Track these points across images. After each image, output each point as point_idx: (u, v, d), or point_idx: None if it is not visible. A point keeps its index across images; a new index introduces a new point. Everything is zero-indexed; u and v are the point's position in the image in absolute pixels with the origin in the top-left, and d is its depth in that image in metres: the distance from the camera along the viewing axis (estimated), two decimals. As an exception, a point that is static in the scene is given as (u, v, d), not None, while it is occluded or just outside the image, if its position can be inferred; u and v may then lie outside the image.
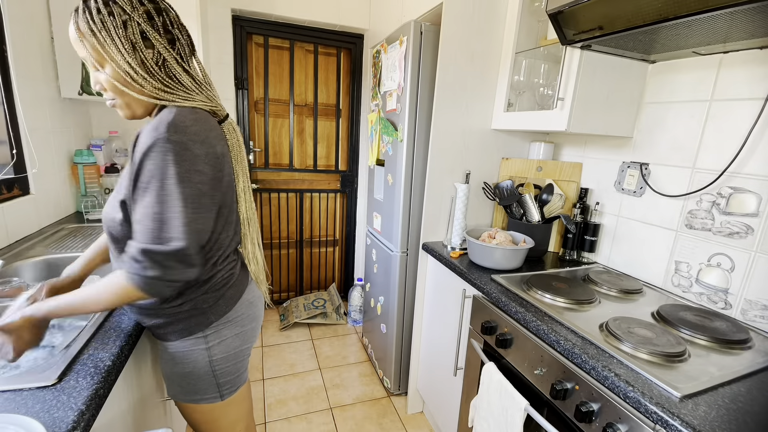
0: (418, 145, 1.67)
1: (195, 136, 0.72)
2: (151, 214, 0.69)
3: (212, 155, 0.75)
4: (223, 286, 0.87)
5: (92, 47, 0.70)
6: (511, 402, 0.99)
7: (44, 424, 0.57)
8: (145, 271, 0.68)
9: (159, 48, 0.73)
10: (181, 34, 0.77)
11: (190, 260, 0.71)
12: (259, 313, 0.99)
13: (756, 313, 1.03)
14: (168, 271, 0.69)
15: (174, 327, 0.85)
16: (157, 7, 0.73)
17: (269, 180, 2.66)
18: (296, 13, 2.33)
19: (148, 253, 0.68)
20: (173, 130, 0.69)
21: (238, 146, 0.90)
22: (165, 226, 0.68)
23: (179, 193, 0.68)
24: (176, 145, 0.68)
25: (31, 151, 1.42)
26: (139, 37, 0.71)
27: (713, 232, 1.11)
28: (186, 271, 0.72)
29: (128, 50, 0.70)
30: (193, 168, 0.71)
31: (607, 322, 0.96)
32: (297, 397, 1.94)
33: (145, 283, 0.69)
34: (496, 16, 1.51)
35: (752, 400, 0.73)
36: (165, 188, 0.68)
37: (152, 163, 0.68)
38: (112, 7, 0.69)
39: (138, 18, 0.70)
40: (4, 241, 1.27)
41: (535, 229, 1.48)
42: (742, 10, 0.76)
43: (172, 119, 0.70)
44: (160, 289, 0.71)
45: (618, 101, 1.27)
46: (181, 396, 0.91)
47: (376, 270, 2.09)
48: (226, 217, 0.85)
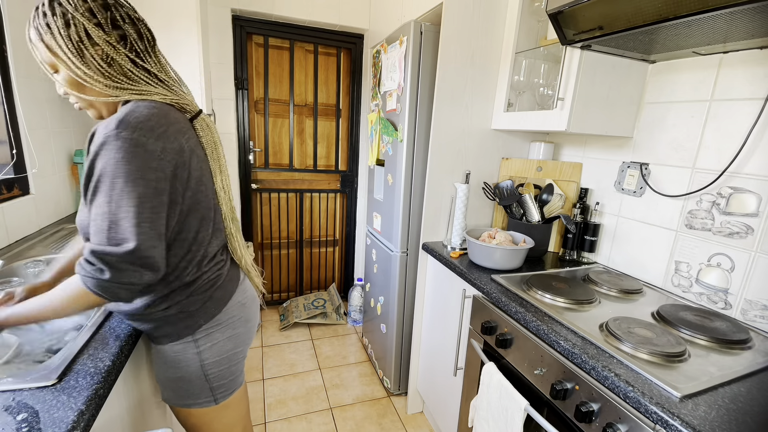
0: (418, 145, 1.67)
1: (149, 132, 0.68)
2: (101, 214, 0.66)
3: (171, 150, 0.72)
4: (210, 287, 0.85)
5: (42, 51, 0.69)
6: (511, 402, 0.99)
7: (44, 424, 0.57)
8: (99, 274, 0.66)
9: (104, 46, 0.70)
10: (134, 28, 0.74)
11: (146, 262, 0.68)
12: (252, 314, 0.97)
13: (756, 313, 1.03)
14: (121, 274, 0.66)
15: (163, 331, 0.83)
16: (104, 4, 0.70)
17: (269, 180, 2.66)
18: (296, 13, 2.33)
19: (99, 254, 0.65)
20: (124, 126, 0.66)
21: (213, 143, 0.87)
22: (116, 226, 0.66)
23: (130, 192, 0.65)
24: (126, 142, 0.65)
25: (31, 151, 1.42)
26: (83, 35, 0.68)
27: (713, 232, 1.11)
28: (143, 273, 0.68)
29: (72, 50, 0.68)
30: (147, 165, 0.67)
31: (607, 322, 0.96)
32: (297, 397, 1.94)
33: (98, 285, 0.66)
34: (496, 16, 1.51)
35: (752, 400, 0.73)
36: (115, 187, 0.65)
37: (102, 161, 0.65)
38: (56, 8, 0.67)
39: (80, 17, 0.67)
40: (3, 241, 1.27)
41: (535, 229, 1.48)
42: (742, 10, 0.76)
43: (123, 115, 0.67)
44: (115, 291, 0.68)
45: (618, 101, 1.27)
46: (175, 400, 0.89)
47: (376, 270, 2.09)
48: (202, 215, 0.82)
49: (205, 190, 0.83)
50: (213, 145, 0.88)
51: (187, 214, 0.78)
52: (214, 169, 0.88)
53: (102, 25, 0.70)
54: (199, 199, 0.80)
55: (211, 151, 0.87)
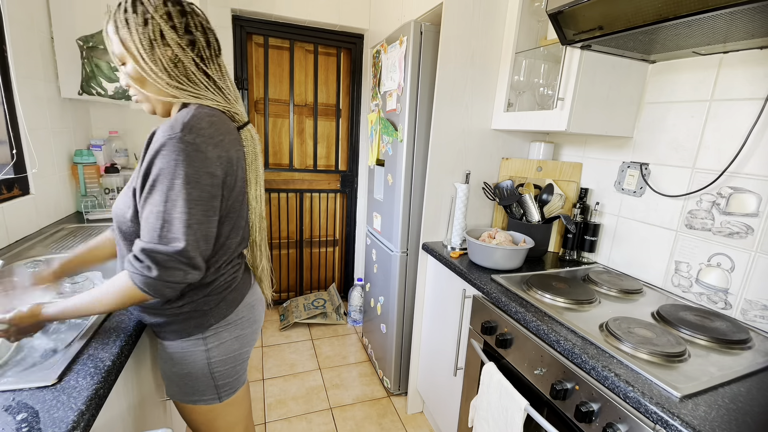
0: (418, 145, 1.67)
1: (209, 139, 0.72)
2: (156, 213, 0.69)
3: (225, 159, 0.76)
4: (225, 289, 0.87)
5: (116, 43, 0.74)
6: (511, 402, 0.99)
7: (44, 424, 0.57)
8: (147, 271, 0.69)
9: (174, 48, 0.74)
10: (204, 36, 0.79)
11: (192, 262, 0.71)
12: (259, 316, 0.99)
13: (756, 313, 1.03)
14: (168, 272, 0.69)
15: (174, 327, 0.85)
16: (181, 10, 0.76)
17: (269, 180, 2.66)
18: (296, 13, 2.33)
19: (149, 252, 0.69)
20: (187, 130, 0.70)
21: (254, 154, 0.91)
22: (169, 225, 0.69)
23: (186, 194, 0.69)
24: (188, 146, 0.69)
25: (31, 151, 1.42)
26: (158, 35, 0.73)
27: (713, 232, 1.11)
28: (188, 273, 0.72)
29: (146, 47, 0.72)
30: (204, 170, 0.71)
31: (607, 322, 0.96)
32: (297, 397, 1.94)
33: (145, 283, 0.69)
34: (496, 16, 1.51)
35: (752, 400, 0.73)
36: (173, 188, 0.68)
37: (163, 161, 0.68)
38: (137, 6, 0.72)
39: (158, 18, 0.72)
40: (3, 241, 1.27)
41: (535, 229, 1.48)
42: (742, 10, 0.76)
43: (188, 119, 0.71)
44: (160, 289, 0.71)
45: (618, 101, 1.27)
46: (180, 396, 0.91)
47: (376, 270, 2.09)
48: (234, 222, 0.85)
49: (241, 200, 0.86)
50: (254, 156, 0.91)
51: (223, 220, 0.81)
52: (251, 179, 0.91)
53: (176, 29, 0.75)
54: (234, 207, 0.83)
55: (251, 161, 0.90)
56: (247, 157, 0.89)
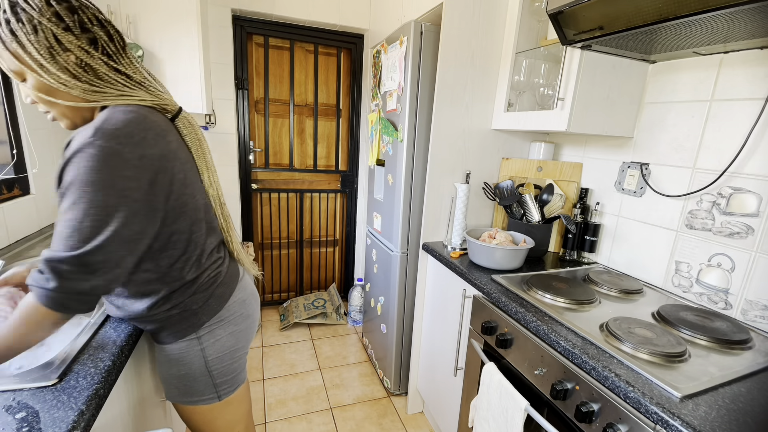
0: (418, 146, 1.67)
1: (126, 139, 0.66)
2: (64, 221, 0.64)
3: (150, 157, 0.70)
4: (210, 285, 0.86)
5: (8, 60, 0.66)
6: (512, 402, 0.99)
7: (44, 424, 0.57)
8: (44, 283, 0.62)
9: (76, 51, 0.67)
10: (104, 30, 0.71)
11: (94, 267, 0.64)
12: (252, 311, 0.98)
13: (756, 314, 1.02)
14: (66, 282, 0.62)
15: (167, 330, 0.84)
16: (69, 6, 0.67)
17: (269, 180, 2.66)
18: (296, 13, 2.33)
19: (47, 261, 0.62)
20: (99, 135, 0.64)
21: (198, 140, 0.86)
22: (77, 234, 0.63)
23: (97, 201, 0.63)
24: (101, 150, 0.63)
25: (31, 151, 1.42)
26: (53, 41, 0.65)
27: (713, 232, 1.11)
28: (89, 281, 0.64)
29: (45, 56, 0.65)
30: (119, 174, 0.65)
31: (607, 323, 0.96)
32: (297, 397, 1.94)
33: (45, 296, 0.63)
34: (496, 16, 1.51)
35: (753, 400, 0.73)
36: (83, 196, 0.63)
37: (74, 168, 0.63)
38: (20, 14, 0.64)
39: (47, 21, 0.64)
40: (4, 241, 1.27)
41: (536, 229, 1.48)
42: (742, 10, 0.76)
43: (100, 123, 0.65)
44: (63, 302, 0.63)
45: (618, 101, 1.27)
46: (179, 398, 0.90)
47: (376, 270, 2.09)
48: (192, 215, 0.81)
49: (191, 191, 0.81)
50: (197, 143, 0.86)
51: (176, 217, 0.77)
52: (201, 166, 0.87)
53: (71, 29, 0.67)
54: (185, 201, 0.79)
55: (196, 148, 0.86)
56: (191, 146, 0.84)
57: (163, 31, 1.68)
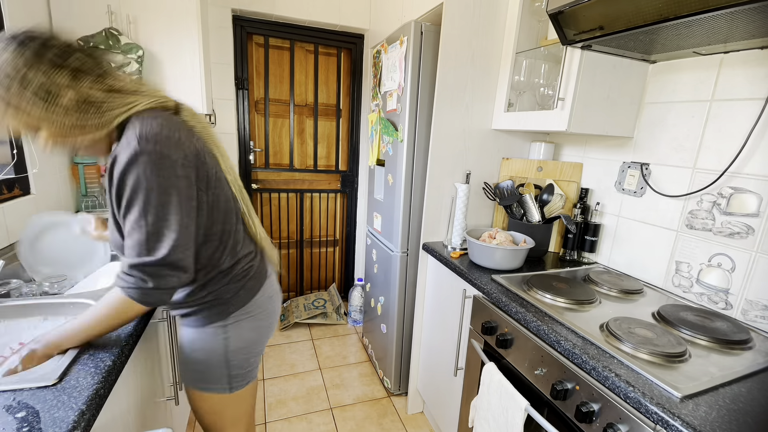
0: (418, 146, 1.67)
1: (167, 141, 0.71)
2: (138, 228, 0.70)
3: (190, 155, 0.75)
4: (243, 276, 0.90)
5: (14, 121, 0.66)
6: (512, 402, 0.99)
7: (45, 424, 0.57)
8: (142, 284, 0.71)
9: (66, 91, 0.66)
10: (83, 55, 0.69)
11: (180, 265, 0.73)
12: (276, 308, 1.02)
13: (756, 314, 1.02)
14: (161, 280, 0.72)
15: (198, 315, 0.88)
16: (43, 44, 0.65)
17: (269, 180, 2.66)
18: (297, 13, 2.33)
19: (139, 266, 0.70)
20: (145, 141, 0.68)
21: (204, 128, 0.86)
22: (154, 237, 0.70)
23: (165, 203, 0.70)
24: (152, 155, 0.68)
25: (31, 151, 1.42)
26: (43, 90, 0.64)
27: (714, 232, 1.11)
28: (179, 276, 0.74)
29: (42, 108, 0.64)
30: (174, 174, 0.71)
31: (607, 323, 0.96)
32: (297, 397, 1.94)
33: (143, 295, 0.72)
34: (496, 16, 1.51)
35: (753, 400, 0.73)
36: (150, 200, 0.69)
37: (133, 177, 0.68)
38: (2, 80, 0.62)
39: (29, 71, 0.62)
40: (4, 241, 1.27)
41: (536, 229, 1.47)
42: (742, 10, 0.76)
43: (140, 131, 0.69)
44: (158, 297, 0.74)
45: (618, 101, 1.27)
46: (193, 382, 0.93)
47: (376, 270, 2.09)
48: (224, 207, 0.85)
49: (220, 183, 0.85)
50: (205, 130, 0.86)
51: (212, 208, 0.82)
52: (215, 153, 0.87)
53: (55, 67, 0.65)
54: (218, 193, 0.83)
55: (207, 136, 0.86)
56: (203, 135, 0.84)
57: (163, 31, 1.68)
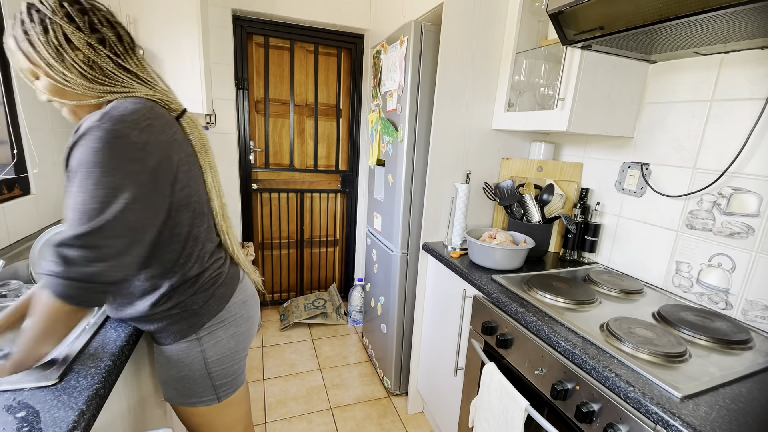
0: (418, 146, 1.67)
1: (133, 124, 0.67)
2: (72, 205, 0.63)
3: (155, 143, 0.70)
4: (212, 285, 0.86)
5: (21, 59, 0.69)
6: (512, 402, 0.99)
7: (45, 424, 0.57)
8: (53, 267, 0.62)
9: (85, 50, 0.69)
10: (113, 31, 0.74)
11: (99, 252, 0.63)
12: (252, 312, 0.98)
13: (757, 314, 1.02)
14: (72, 267, 0.62)
15: (168, 330, 0.84)
16: (81, 8, 0.70)
17: (269, 180, 2.66)
18: (297, 13, 2.33)
19: (57, 246, 0.62)
20: (107, 119, 0.65)
21: (202, 141, 0.86)
22: (84, 216, 0.63)
23: (104, 182, 0.63)
24: (108, 133, 0.64)
25: (31, 151, 1.42)
26: (63, 39, 0.68)
27: (714, 232, 1.11)
28: (96, 266, 0.63)
29: (53, 55, 0.67)
30: (127, 156, 0.65)
31: (607, 323, 0.96)
32: (297, 397, 1.94)
33: (55, 284, 0.62)
34: (496, 16, 1.51)
35: (753, 400, 0.73)
36: (90, 177, 0.63)
37: (80, 151, 0.64)
38: (33, 15, 0.67)
39: (59, 20, 0.67)
40: (4, 241, 1.27)
41: (536, 229, 1.47)
42: (742, 10, 0.76)
43: (108, 109, 0.67)
44: (72, 291, 0.63)
45: (619, 101, 1.27)
46: (178, 399, 0.90)
47: (376, 270, 2.09)
48: (194, 209, 0.81)
49: (195, 185, 0.82)
50: (201, 144, 0.86)
51: (179, 208, 0.78)
52: (204, 166, 0.86)
53: (81, 29, 0.69)
54: (189, 193, 0.80)
55: (200, 148, 0.86)
56: (196, 146, 0.84)
57: (163, 31, 1.68)
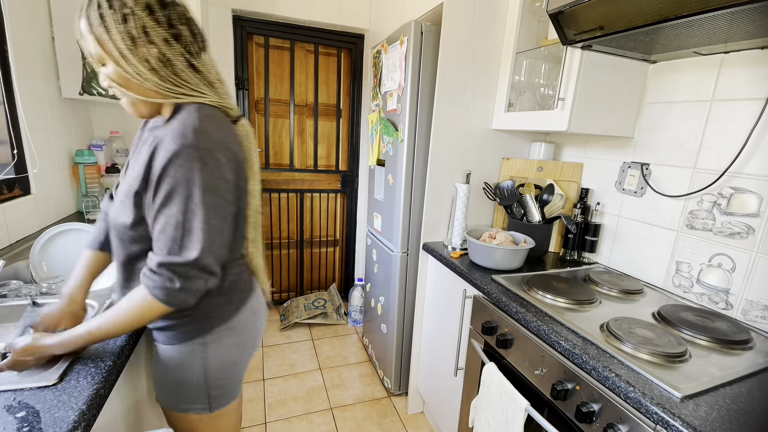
0: (418, 146, 1.67)
1: (220, 143, 0.71)
2: (174, 224, 0.68)
3: (234, 162, 0.74)
4: (230, 290, 0.85)
5: (91, 43, 0.67)
6: (512, 402, 0.99)
7: (45, 424, 0.57)
8: (169, 284, 0.68)
9: (161, 45, 0.69)
10: (188, 29, 0.73)
11: (210, 269, 0.71)
12: (261, 323, 0.96)
13: (757, 314, 1.02)
14: (190, 282, 0.70)
15: (176, 330, 0.82)
16: (161, 2, 0.69)
17: (270, 180, 2.66)
18: (297, 13, 2.33)
19: (167, 265, 0.68)
20: (200, 137, 0.67)
21: (250, 148, 0.87)
22: (189, 235, 0.68)
23: (205, 203, 0.68)
24: (203, 153, 0.67)
25: (32, 151, 1.42)
26: (140, 31, 0.67)
27: (714, 232, 1.11)
28: (207, 280, 0.72)
29: (129, 45, 0.66)
30: (219, 176, 0.70)
31: (607, 323, 0.96)
32: (297, 397, 1.94)
33: (169, 295, 0.69)
34: (496, 16, 1.51)
35: (753, 400, 0.73)
36: (192, 197, 0.67)
37: (179, 171, 0.66)
38: (113, 1, 0.65)
39: (140, 11, 0.66)
40: (4, 241, 1.27)
41: (536, 229, 1.47)
42: (742, 10, 0.76)
43: (197, 125, 0.68)
44: (184, 299, 0.71)
45: (619, 101, 1.27)
46: (169, 402, 0.87)
47: (376, 270, 2.09)
48: (238, 221, 0.83)
49: (246, 197, 0.84)
50: (250, 151, 0.87)
51: (236, 214, 0.80)
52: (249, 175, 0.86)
53: (160, 23, 0.68)
54: (241, 207, 0.82)
55: (249, 156, 0.86)
56: (246, 153, 0.85)
57: (163, 31, 1.68)
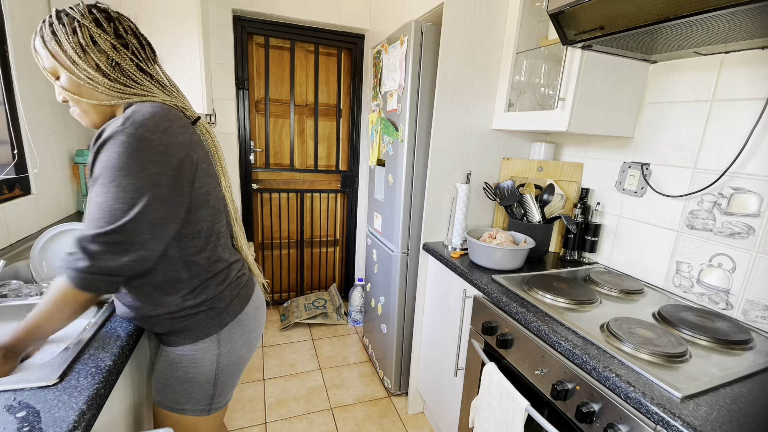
0: (418, 146, 1.67)
1: (154, 128, 0.70)
2: (96, 204, 0.67)
3: (175, 144, 0.73)
4: (237, 284, 0.89)
5: (46, 58, 0.72)
6: (512, 402, 0.99)
7: (45, 424, 0.57)
8: (75, 263, 0.66)
9: (109, 51, 0.73)
10: (136, 40, 0.78)
11: (122, 246, 0.67)
12: (262, 319, 1.00)
13: (757, 314, 1.02)
14: (96, 261, 0.66)
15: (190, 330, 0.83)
16: (108, 16, 0.75)
17: (270, 180, 2.66)
18: (297, 13, 2.33)
19: (78, 241, 0.67)
20: (129, 123, 0.68)
21: (215, 147, 0.91)
22: (108, 215, 0.66)
23: (128, 184, 0.67)
24: (131, 137, 0.67)
25: (32, 151, 1.42)
26: (89, 40, 0.72)
27: (714, 232, 1.11)
28: (119, 259, 0.67)
29: (79, 54, 0.71)
30: (148, 159, 0.68)
31: (608, 323, 0.96)
32: (297, 397, 1.94)
33: (77, 277, 0.67)
34: (497, 16, 1.51)
35: (753, 400, 0.73)
36: (114, 179, 0.66)
37: (105, 154, 0.67)
38: (62, 18, 0.71)
39: (88, 23, 0.72)
40: (5, 241, 1.27)
41: (536, 229, 1.47)
42: (743, 10, 0.76)
43: (129, 114, 0.70)
44: (93, 282, 0.68)
45: (619, 101, 1.27)
46: (170, 403, 0.87)
47: (376, 270, 2.09)
48: (214, 207, 0.84)
49: (213, 183, 0.85)
50: (214, 149, 0.91)
51: (199, 205, 0.80)
52: (218, 171, 0.90)
53: (107, 32, 0.73)
54: (208, 191, 0.82)
55: (214, 153, 0.90)
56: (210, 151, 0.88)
57: (163, 31, 1.68)
